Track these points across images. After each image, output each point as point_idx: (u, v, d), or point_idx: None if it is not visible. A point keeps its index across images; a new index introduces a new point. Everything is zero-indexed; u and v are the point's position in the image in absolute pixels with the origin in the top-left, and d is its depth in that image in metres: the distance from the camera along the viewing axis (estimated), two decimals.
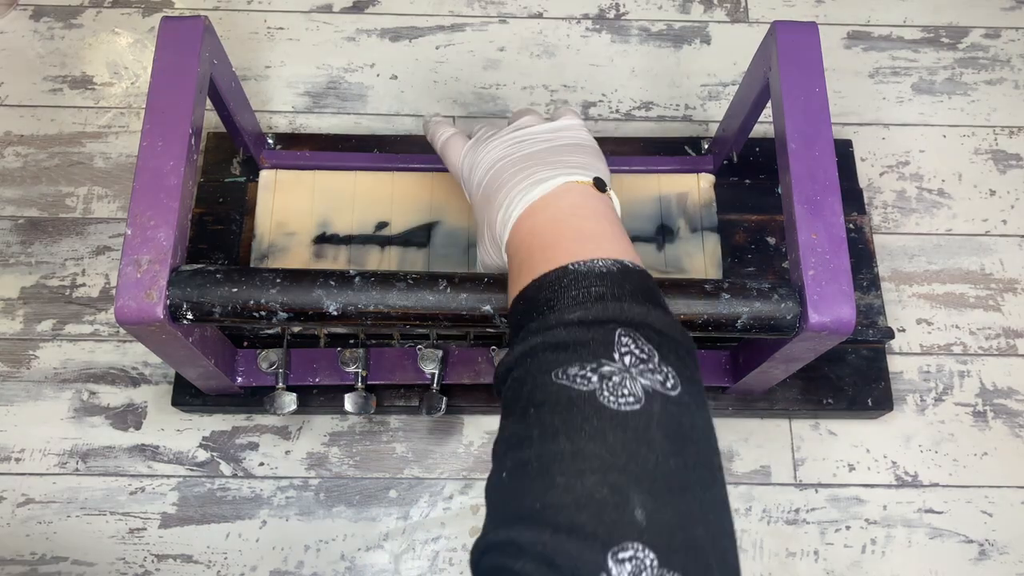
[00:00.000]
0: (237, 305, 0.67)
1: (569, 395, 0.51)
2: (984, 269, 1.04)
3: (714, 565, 0.45)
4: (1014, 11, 1.18)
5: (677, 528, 0.46)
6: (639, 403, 0.50)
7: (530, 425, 0.51)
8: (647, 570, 0.43)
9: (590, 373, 0.52)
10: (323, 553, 0.92)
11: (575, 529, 0.45)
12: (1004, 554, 0.94)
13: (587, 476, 0.47)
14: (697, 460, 0.50)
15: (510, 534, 0.47)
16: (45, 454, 0.94)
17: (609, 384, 0.51)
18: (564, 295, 0.57)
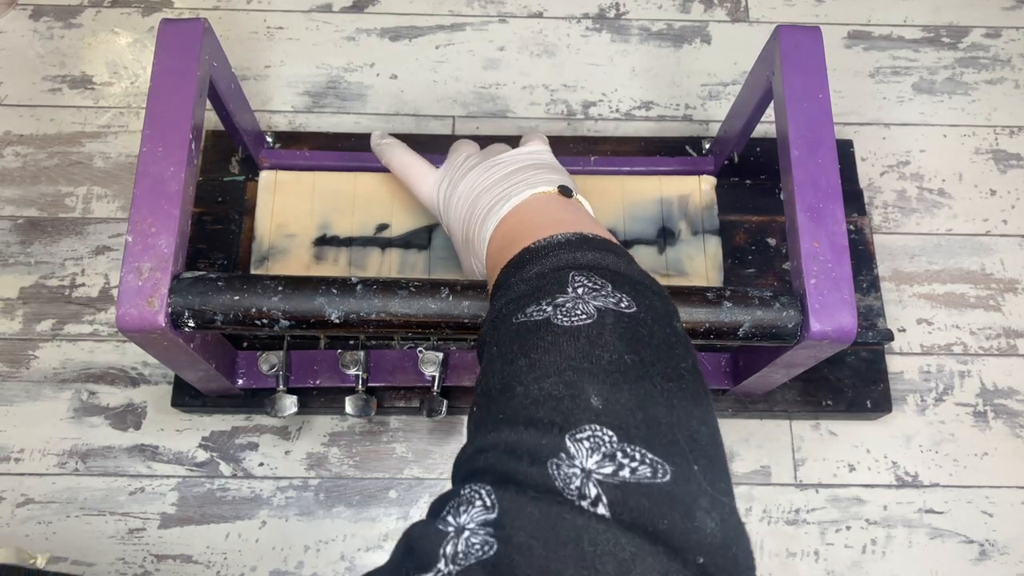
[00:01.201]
0: (239, 313, 0.67)
1: (527, 326, 0.52)
2: (984, 269, 1.04)
3: (681, 441, 0.45)
4: (1014, 11, 1.18)
5: (636, 408, 0.46)
6: (591, 318, 0.51)
7: (492, 359, 0.53)
8: (606, 445, 0.43)
9: (545, 306, 0.53)
10: (323, 553, 0.92)
11: (533, 422, 0.46)
12: (1004, 554, 0.94)
13: (543, 380, 0.48)
14: (656, 358, 0.50)
15: (476, 444, 0.48)
16: (45, 454, 0.94)
17: (563, 309, 0.52)
18: (525, 269, 0.59)
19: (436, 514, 0.45)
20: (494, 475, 0.44)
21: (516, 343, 0.52)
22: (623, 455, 0.43)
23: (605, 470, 0.42)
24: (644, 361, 0.49)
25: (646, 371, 0.49)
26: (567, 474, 0.42)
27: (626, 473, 0.42)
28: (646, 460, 0.43)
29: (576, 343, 0.50)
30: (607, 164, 1.00)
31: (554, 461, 0.43)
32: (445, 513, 0.43)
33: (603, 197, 0.97)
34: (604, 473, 0.42)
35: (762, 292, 0.70)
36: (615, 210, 0.97)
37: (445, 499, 0.45)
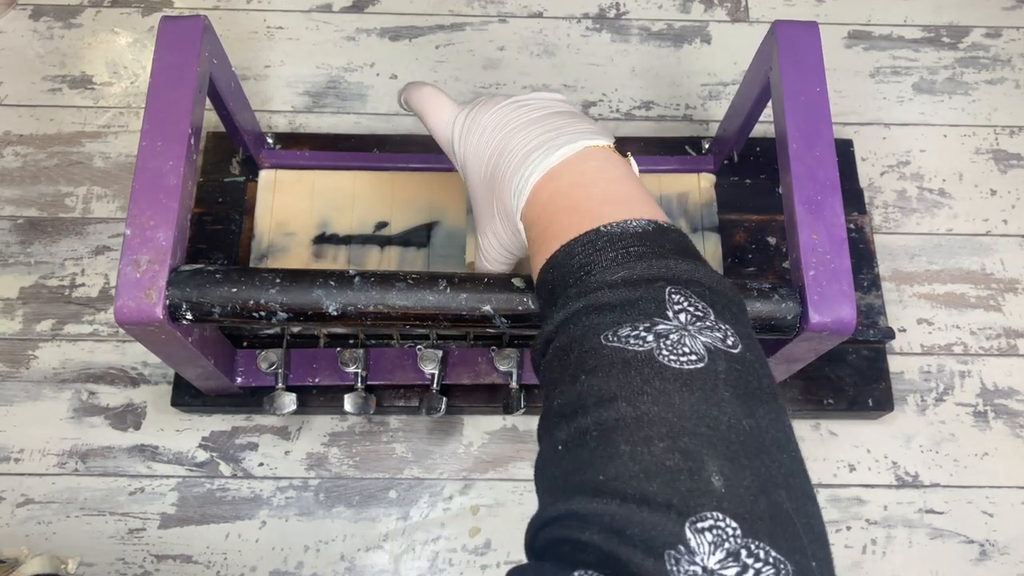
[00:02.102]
0: (236, 305, 0.67)
1: (624, 357, 0.47)
2: (985, 269, 1.04)
3: (801, 532, 0.42)
4: (1015, 11, 1.18)
5: (759, 493, 0.42)
6: (702, 361, 0.47)
7: (583, 393, 0.48)
8: (729, 540, 0.40)
9: (644, 332, 0.48)
10: (323, 553, 0.92)
11: (646, 499, 0.41)
12: (1005, 554, 0.94)
13: (654, 442, 0.43)
14: (769, 421, 0.47)
15: (570, 507, 0.44)
16: (44, 454, 0.94)
17: (667, 342, 0.47)
18: (600, 257, 0.54)
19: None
20: (602, 556, 0.41)
21: (613, 379, 0.47)
22: (747, 554, 0.39)
23: (729, 572, 0.39)
24: (760, 427, 0.46)
25: (763, 440, 0.45)
26: (688, 572, 0.39)
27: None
28: (770, 559, 0.40)
29: (690, 397, 0.45)
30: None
31: (672, 554, 0.39)
32: None
33: None
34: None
35: (761, 284, 0.69)
36: None
37: (541, 571, 0.42)
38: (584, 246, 0.55)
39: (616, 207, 0.58)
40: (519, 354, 0.89)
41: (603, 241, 0.55)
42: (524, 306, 0.69)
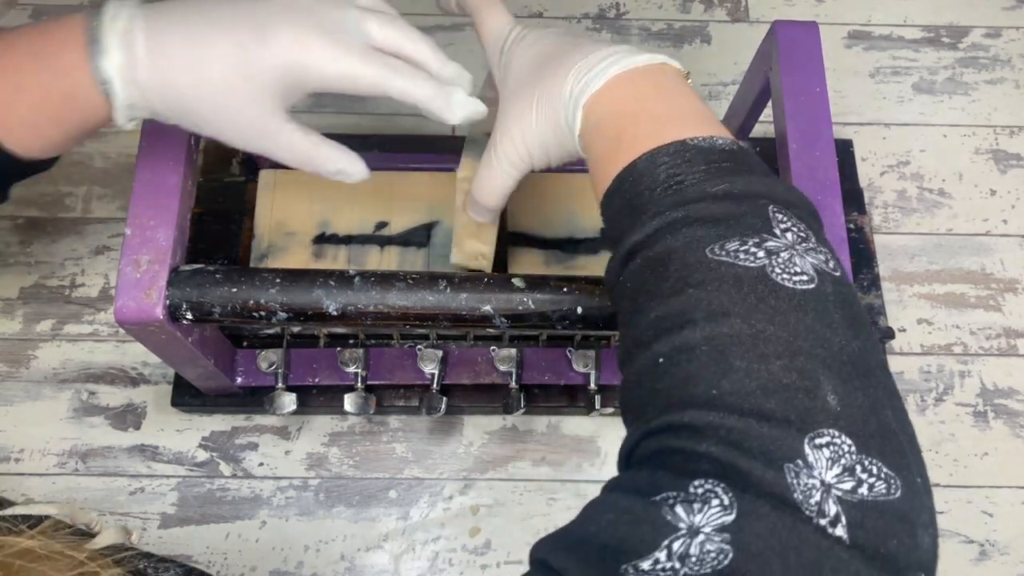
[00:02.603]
0: (236, 305, 0.67)
1: (735, 272, 0.47)
2: (985, 269, 1.04)
3: (907, 449, 0.43)
4: (1014, 11, 1.18)
5: (870, 413, 0.43)
6: (812, 282, 0.47)
7: (689, 307, 0.47)
8: (845, 456, 0.41)
9: (754, 248, 0.48)
10: (323, 553, 0.92)
11: (764, 414, 0.42)
12: (1005, 554, 0.94)
13: (771, 360, 0.44)
14: (872, 343, 0.47)
15: (682, 418, 0.44)
16: (44, 454, 0.94)
17: (778, 260, 0.47)
18: (691, 169, 0.52)
19: (645, 494, 0.43)
20: (720, 467, 0.42)
21: (724, 294, 0.46)
22: (862, 469, 0.41)
23: (845, 485, 0.40)
24: (866, 348, 0.46)
25: (868, 362, 0.46)
26: (807, 485, 0.40)
27: (864, 490, 0.41)
28: (882, 474, 0.41)
29: (804, 318, 0.45)
30: None
31: (791, 467, 0.41)
32: (672, 502, 0.41)
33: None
34: (844, 489, 0.40)
35: None
36: None
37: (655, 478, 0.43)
38: (671, 156, 0.53)
39: (699, 122, 0.56)
40: (519, 354, 0.89)
41: (691, 153, 0.53)
42: (524, 306, 0.69)
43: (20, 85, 0.55)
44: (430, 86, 0.62)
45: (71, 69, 0.55)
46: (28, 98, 0.55)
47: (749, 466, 0.41)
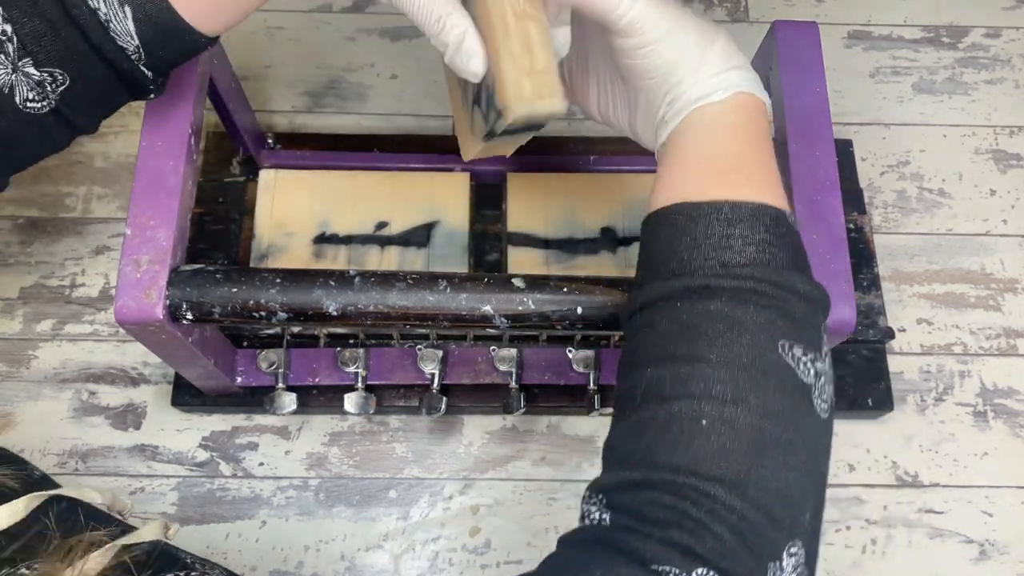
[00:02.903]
0: (237, 305, 0.67)
1: (795, 383, 0.52)
2: (984, 269, 1.04)
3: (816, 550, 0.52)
4: (1014, 11, 1.18)
5: (818, 531, 0.52)
6: (827, 413, 0.53)
7: (746, 387, 0.51)
8: (800, 567, 0.49)
9: (811, 364, 0.52)
10: (323, 553, 0.92)
11: (773, 517, 0.49)
12: (1004, 554, 0.94)
13: (792, 471, 0.50)
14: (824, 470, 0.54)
15: (708, 489, 0.48)
16: (45, 454, 0.94)
17: (819, 384, 0.53)
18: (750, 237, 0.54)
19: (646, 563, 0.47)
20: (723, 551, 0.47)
21: (784, 399, 0.51)
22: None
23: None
24: (825, 473, 0.54)
25: (826, 483, 0.54)
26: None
27: None
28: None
29: (819, 442, 0.53)
30: (607, 164, 0.99)
31: (772, 567, 0.48)
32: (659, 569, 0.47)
33: (603, 195, 0.97)
34: None
35: None
36: (615, 208, 0.97)
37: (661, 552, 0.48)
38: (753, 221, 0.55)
39: (772, 183, 0.58)
40: (519, 354, 0.89)
41: (775, 226, 0.55)
42: (524, 306, 0.69)
43: None
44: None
45: None
46: None
47: (747, 560, 0.47)
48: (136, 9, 0.55)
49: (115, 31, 0.55)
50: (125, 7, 0.54)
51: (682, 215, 0.56)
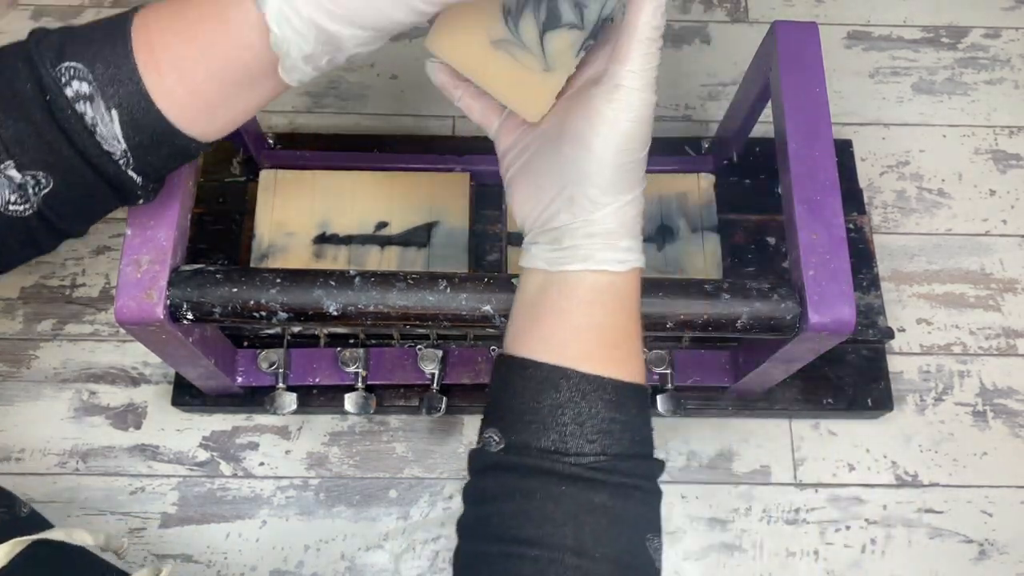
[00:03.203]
0: (237, 305, 0.67)
1: (644, 560, 0.56)
2: (984, 269, 1.04)
3: None
4: (1014, 11, 1.18)
5: None
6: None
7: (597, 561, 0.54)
8: None
9: (660, 551, 0.57)
10: (323, 553, 0.92)
11: None
12: (1004, 554, 0.94)
13: None
14: None
15: None
16: (45, 454, 0.94)
17: (660, 563, 0.57)
18: (598, 414, 0.57)
19: None
20: None
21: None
22: None
23: None
24: None
25: None
26: None
27: None
28: None
29: None
30: None
31: None
32: None
33: None
34: None
35: (760, 284, 0.70)
36: None
37: None
38: (588, 387, 0.57)
39: (630, 356, 0.59)
40: None
41: (603, 394, 0.57)
42: None
43: (178, 21, 0.54)
44: None
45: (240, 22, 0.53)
46: (181, 32, 0.54)
47: None
48: (123, 112, 0.53)
49: (101, 135, 0.54)
50: (112, 111, 0.53)
51: (568, 383, 0.57)
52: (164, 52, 0.53)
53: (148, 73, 0.53)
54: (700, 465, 0.96)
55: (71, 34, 0.54)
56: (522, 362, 0.58)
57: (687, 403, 0.91)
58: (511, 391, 0.58)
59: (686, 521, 0.94)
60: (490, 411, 0.60)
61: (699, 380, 0.92)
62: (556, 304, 0.59)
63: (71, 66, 0.52)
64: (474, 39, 0.59)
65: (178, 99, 0.54)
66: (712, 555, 0.93)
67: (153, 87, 0.53)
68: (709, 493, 0.95)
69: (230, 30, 0.53)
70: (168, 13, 0.54)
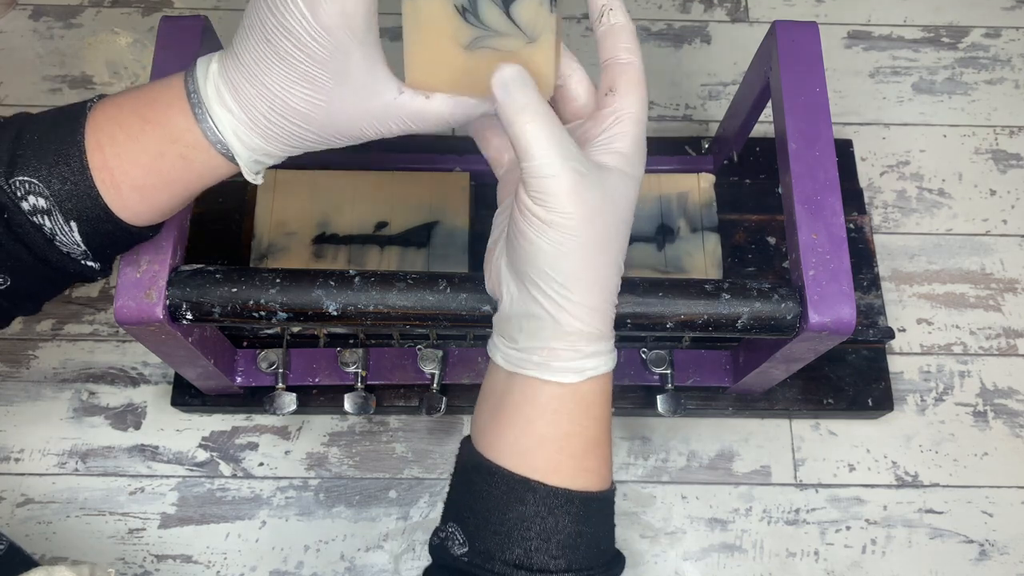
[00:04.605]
0: (236, 305, 0.67)
1: None
2: (984, 269, 1.04)
3: None
4: (1014, 11, 1.18)
5: None
6: None
7: None
8: None
9: None
10: (323, 553, 0.92)
11: None
12: (1004, 554, 0.94)
13: None
14: None
15: None
16: (44, 454, 0.94)
17: None
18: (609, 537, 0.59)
19: None
20: None
21: None
22: None
23: None
24: None
25: None
26: None
27: None
28: None
29: None
30: None
31: None
32: None
33: None
34: None
35: (760, 284, 0.69)
36: None
37: None
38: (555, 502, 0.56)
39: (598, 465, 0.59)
40: None
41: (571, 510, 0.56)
42: None
43: (136, 152, 0.55)
44: None
45: (181, 134, 0.54)
46: (142, 164, 0.55)
47: None
48: (83, 224, 0.55)
49: (61, 242, 0.55)
50: (71, 223, 0.54)
51: (534, 497, 0.56)
52: (124, 177, 0.55)
53: (107, 192, 0.55)
54: (700, 465, 0.96)
55: (21, 143, 0.54)
56: (488, 467, 0.57)
57: (687, 403, 0.91)
58: (476, 492, 0.57)
59: (686, 521, 0.94)
60: (454, 503, 0.60)
61: (699, 380, 0.92)
62: (520, 409, 0.57)
63: (26, 180, 0.53)
64: (447, 56, 0.56)
65: (140, 212, 0.57)
66: (712, 555, 0.93)
67: (113, 203, 0.55)
68: (709, 493, 0.95)
69: (194, 168, 0.55)
70: (124, 139, 0.55)
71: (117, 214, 0.55)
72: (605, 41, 0.57)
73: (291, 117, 0.52)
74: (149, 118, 0.54)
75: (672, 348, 0.91)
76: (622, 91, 0.57)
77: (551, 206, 0.52)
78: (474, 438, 0.60)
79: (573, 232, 0.53)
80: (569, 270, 0.54)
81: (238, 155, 0.55)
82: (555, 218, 0.52)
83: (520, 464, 0.56)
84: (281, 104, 0.52)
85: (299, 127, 0.53)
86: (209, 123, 0.53)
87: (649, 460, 0.96)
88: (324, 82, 0.51)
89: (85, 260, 0.57)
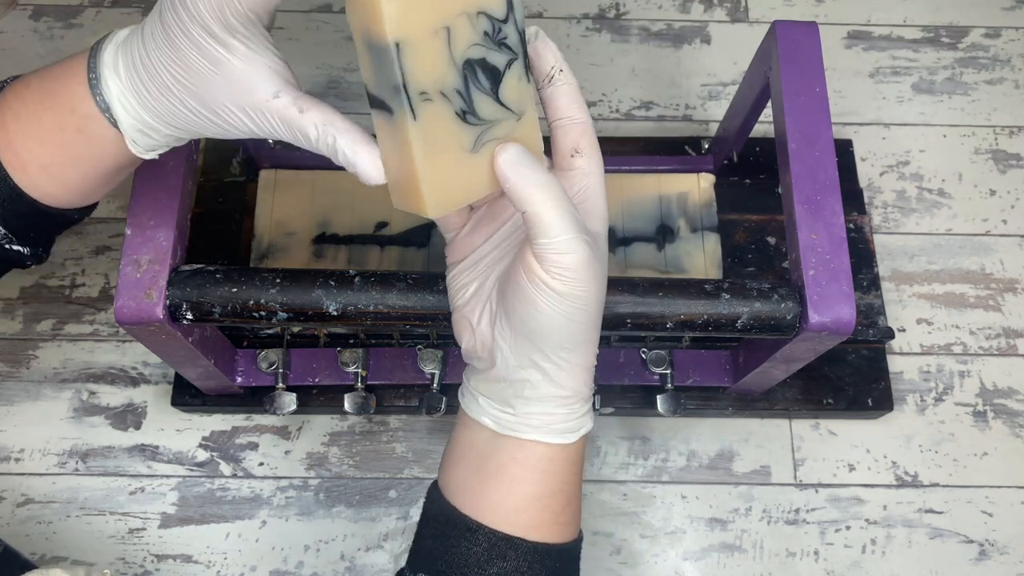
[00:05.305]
0: (237, 305, 0.67)
1: None
2: (984, 269, 1.04)
3: None
4: (1014, 11, 1.18)
5: None
6: None
7: None
8: None
9: None
10: (323, 553, 0.92)
11: None
12: (1004, 554, 0.94)
13: None
14: None
15: None
16: (45, 454, 0.94)
17: None
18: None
19: None
20: None
21: None
22: None
23: None
24: None
25: None
26: None
27: None
28: None
29: None
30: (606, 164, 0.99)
31: None
32: None
33: None
34: None
35: (760, 284, 0.70)
36: (613, 207, 0.97)
37: None
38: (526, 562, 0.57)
39: (569, 520, 0.60)
40: None
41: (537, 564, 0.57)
42: None
43: (37, 128, 0.55)
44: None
45: (78, 103, 0.54)
46: (45, 140, 0.55)
47: None
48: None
49: None
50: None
51: (516, 554, 0.57)
52: (29, 156, 0.55)
53: (16, 172, 0.55)
54: (700, 465, 0.96)
55: None
56: (468, 523, 0.58)
57: (687, 403, 0.91)
58: (453, 548, 0.58)
59: (686, 521, 0.94)
60: (426, 553, 0.60)
61: (699, 380, 0.92)
62: (508, 470, 0.58)
63: None
64: (460, 167, 0.55)
65: (52, 192, 0.57)
66: (712, 555, 0.93)
67: (23, 183, 0.56)
68: (709, 493, 0.95)
69: (92, 142, 0.55)
70: (26, 116, 0.55)
71: (30, 195, 0.56)
72: (557, 101, 0.57)
73: (165, 93, 0.52)
74: (52, 90, 0.55)
75: (672, 348, 0.91)
76: (587, 151, 0.59)
77: (568, 280, 0.53)
78: (447, 490, 0.60)
79: (586, 303, 0.54)
80: (579, 337, 0.55)
81: (121, 123, 0.54)
82: (573, 291, 0.53)
83: (503, 522, 0.57)
84: (158, 78, 0.52)
85: (174, 105, 0.53)
86: (99, 89, 0.54)
87: (649, 460, 0.96)
88: (199, 67, 0.51)
89: (9, 244, 0.58)
